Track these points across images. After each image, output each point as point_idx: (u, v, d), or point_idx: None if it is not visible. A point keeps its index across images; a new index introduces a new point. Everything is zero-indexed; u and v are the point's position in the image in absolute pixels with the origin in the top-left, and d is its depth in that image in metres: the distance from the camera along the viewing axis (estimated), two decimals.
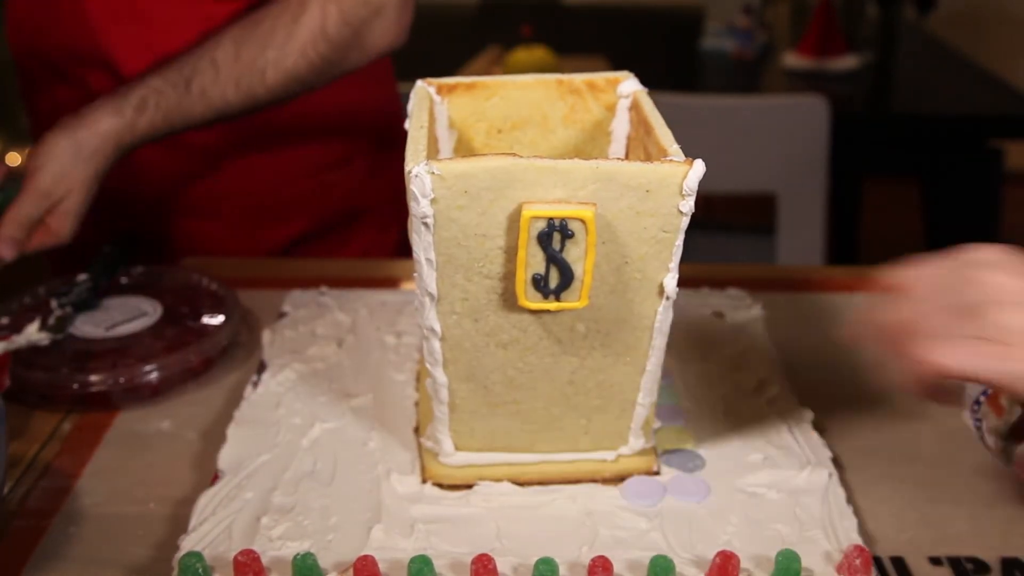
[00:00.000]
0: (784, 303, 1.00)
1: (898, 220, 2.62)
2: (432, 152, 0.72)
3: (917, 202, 2.24)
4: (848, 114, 1.97)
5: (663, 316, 0.67)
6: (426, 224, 0.61)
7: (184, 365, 0.87)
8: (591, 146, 0.80)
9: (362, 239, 1.25)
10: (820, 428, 0.80)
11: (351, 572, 0.64)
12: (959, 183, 2.09)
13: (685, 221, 0.62)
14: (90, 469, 0.77)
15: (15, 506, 0.73)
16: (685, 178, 0.60)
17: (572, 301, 0.63)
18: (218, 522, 0.69)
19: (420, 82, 0.77)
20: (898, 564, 0.67)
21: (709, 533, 0.69)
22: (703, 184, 0.61)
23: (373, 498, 0.72)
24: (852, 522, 0.69)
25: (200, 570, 0.64)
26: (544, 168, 0.60)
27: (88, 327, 0.91)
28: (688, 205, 0.62)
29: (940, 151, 2.07)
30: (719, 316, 0.97)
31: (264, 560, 0.65)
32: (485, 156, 0.60)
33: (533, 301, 0.63)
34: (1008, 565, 0.67)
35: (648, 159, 0.69)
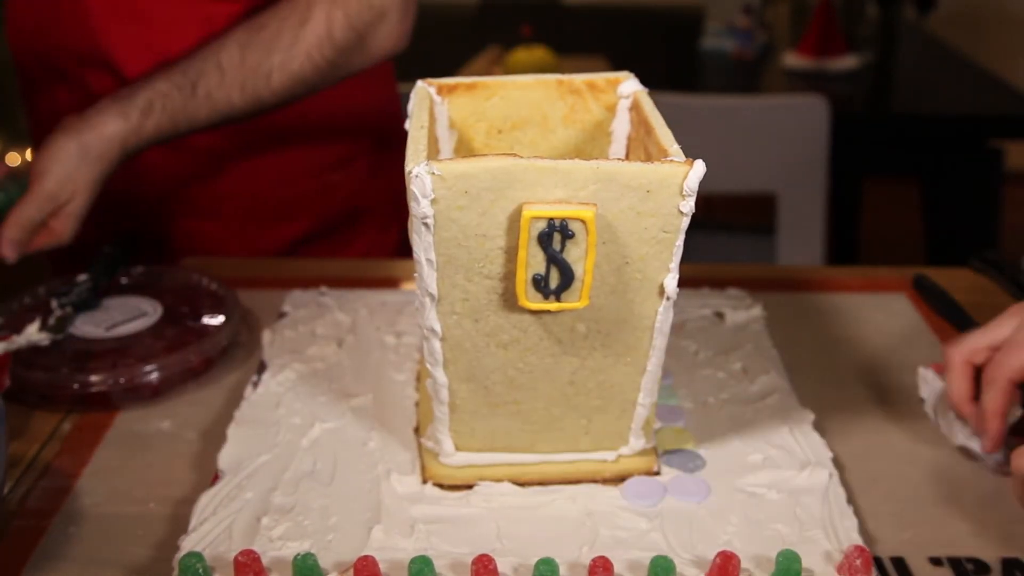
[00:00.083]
0: (784, 303, 1.00)
1: (898, 220, 2.62)
2: (432, 152, 0.72)
3: (917, 202, 2.24)
4: (848, 114, 1.97)
5: (663, 316, 0.67)
6: (426, 224, 0.61)
7: (184, 365, 0.87)
8: (591, 146, 0.80)
9: (363, 239, 1.25)
10: (820, 428, 0.80)
11: (351, 572, 0.64)
12: (959, 183, 2.09)
13: (685, 221, 0.62)
14: (90, 469, 0.77)
15: (15, 506, 0.73)
16: (685, 178, 0.60)
17: (572, 301, 0.63)
18: (218, 522, 0.69)
19: (420, 82, 0.77)
20: (898, 564, 0.67)
21: (709, 533, 0.69)
22: (703, 184, 0.61)
23: (373, 498, 0.72)
24: (852, 522, 0.69)
25: (200, 570, 0.64)
26: (544, 168, 0.60)
27: (88, 327, 0.91)
28: (688, 205, 0.62)
29: (940, 151, 2.07)
30: (719, 316, 0.97)
31: (264, 560, 0.65)
32: (485, 156, 0.60)
33: (533, 301, 0.63)
34: (1008, 565, 0.67)
35: (648, 159, 0.68)
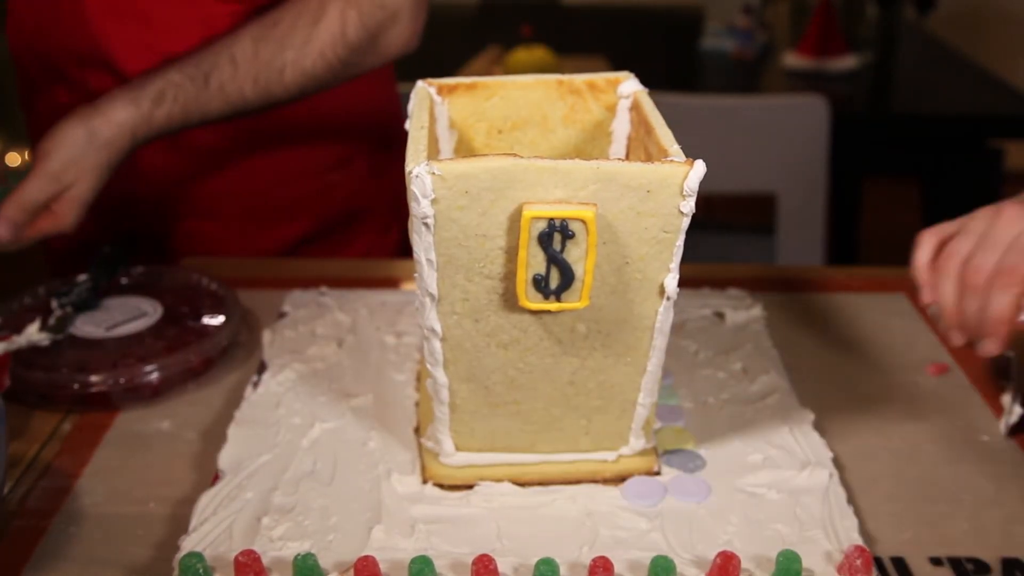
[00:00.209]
0: (784, 303, 1.00)
1: (898, 220, 2.61)
2: (432, 152, 0.72)
3: (917, 202, 2.24)
4: (848, 114, 1.97)
5: (664, 316, 0.67)
6: (427, 224, 0.61)
7: (184, 365, 0.87)
8: (591, 146, 0.80)
9: (363, 240, 1.25)
10: (820, 428, 0.80)
11: (352, 572, 0.64)
12: (959, 183, 2.09)
13: (686, 221, 0.62)
14: (90, 469, 0.77)
15: (15, 506, 0.73)
16: (686, 178, 0.60)
17: (573, 301, 0.63)
18: (219, 522, 0.69)
19: (420, 82, 0.77)
20: (899, 564, 0.67)
21: (710, 533, 0.69)
22: (703, 184, 0.61)
23: (373, 498, 0.72)
24: (852, 522, 0.69)
25: (201, 570, 0.64)
26: (545, 168, 0.60)
27: (88, 327, 0.91)
28: (689, 205, 0.62)
29: (940, 151, 2.07)
30: (719, 316, 0.97)
31: (265, 560, 0.65)
32: (486, 156, 0.60)
33: (534, 301, 0.63)
34: (1008, 565, 0.67)
35: (649, 159, 0.68)
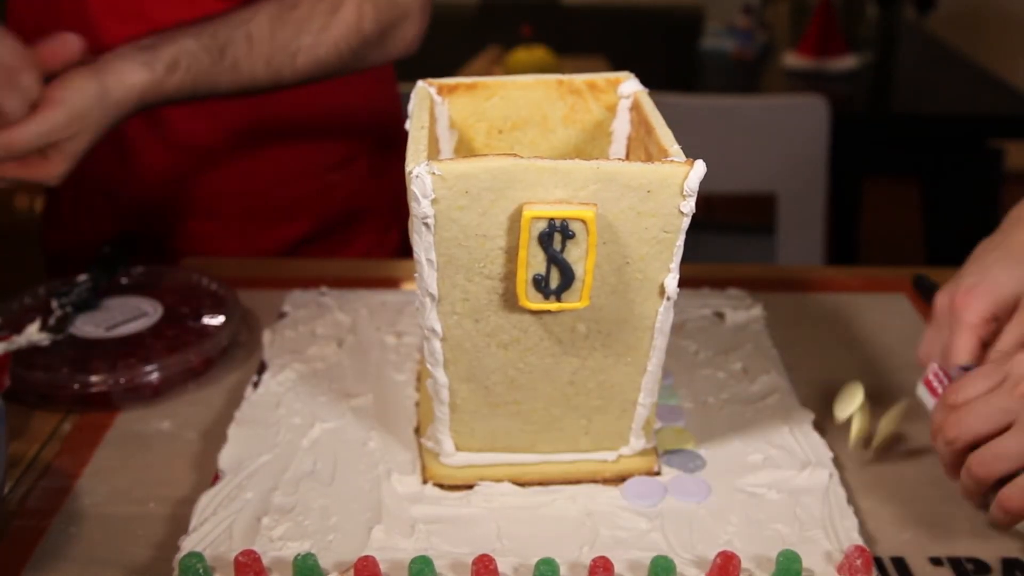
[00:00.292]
0: (784, 303, 1.00)
1: (898, 220, 2.61)
2: (433, 152, 0.72)
3: (917, 202, 2.24)
4: (848, 114, 1.97)
5: (664, 316, 0.67)
6: (427, 224, 0.61)
7: (184, 365, 0.87)
8: (591, 146, 0.80)
9: (363, 239, 1.25)
10: (820, 428, 0.80)
11: (352, 572, 0.64)
12: (959, 183, 2.09)
13: (686, 221, 0.62)
14: (90, 469, 0.77)
15: (15, 506, 0.73)
16: (686, 178, 0.60)
17: (573, 301, 0.63)
18: (219, 522, 0.69)
19: (421, 82, 0.77)
20: (899, 564, 0.67)
21: (710, 533, 0.69)
22: (703, 184, 0.61)
23: (374, 498, 0.72)
24: (853, 522, 0.69)
25: (201, 570, 0.64)
26: (545, 169, 0.60)
27: (88, 327, 0.91)
28: (689, 205, 0.62)
29: (940, 151, 2.07)
30: (719, 316, 0.97)
31: (265, 560, 0.65)
32: (486, 156, 0.60)
33: (534, 301, 0.63)
34: (1008, 565, 0.67)
35: (649, 159, 0.68)
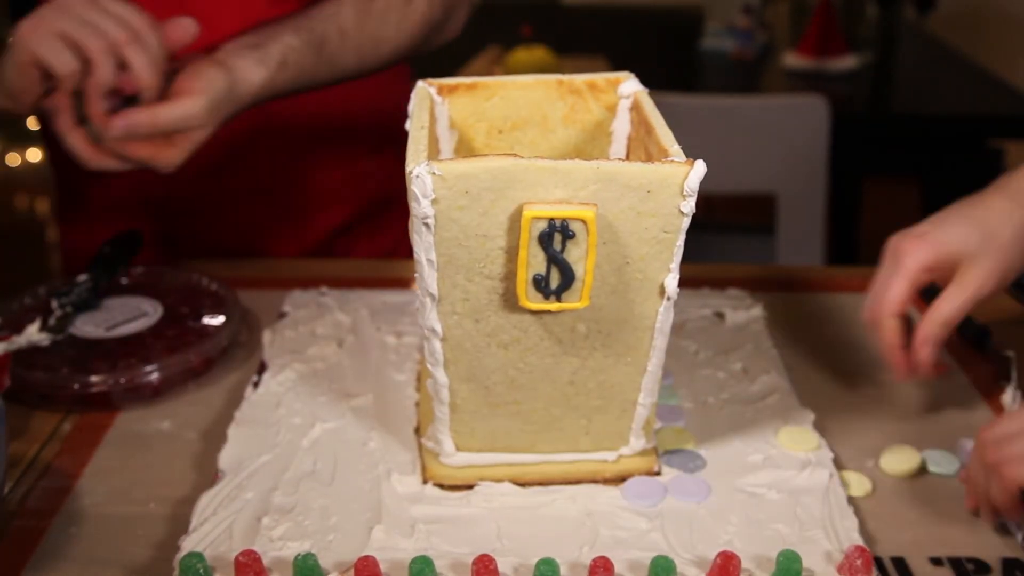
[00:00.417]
0: (784, 303, 1.00)
1: (898, 220, 2.61)
2: (433, 152, 0.72)
3: (917, 202, 2.24)
4: (848, 114, 1.97)
5: (664, 316, 0.67)
6: (427, 224, 0.61)
7: (184, 365, 0.87)
8: (591, 146, 0.80)
9: (398, 226, 1.25)
10: (820, 428, 0.80)
11: (352, 572, 0.64)
12: (959, 183, 2.08)
13: (686, 221, 0.63)
14: (90, 469, 0.77)
15: (15, 506, 0.73)
16: (686, 178, 0.61)
17: (573, 301, 0.63)
18: (219, 522, 0.69)
19: (421, 82, 0.77)
20: (899, 564, 0.67)
21: (710, 533, 0.69)
22: (703, 184, 0.61)
23: (374, 498, 0.72)
24: (853, 522, 0.69)
25: (201, 570, 0.64)
26: (545, 169, 0.60)
27: (88, 327, 0.91)
28: (689, 205, 0.62)
29: (940, 151, 2.07)
30: (719, 316, 0.97)
31: (265, 560, 0.65)
32: (486, 156, 0.60)
33: (534, 301, 0.63)
34: (1009, 565, 0.67)
35: (649, 159, 0.68)
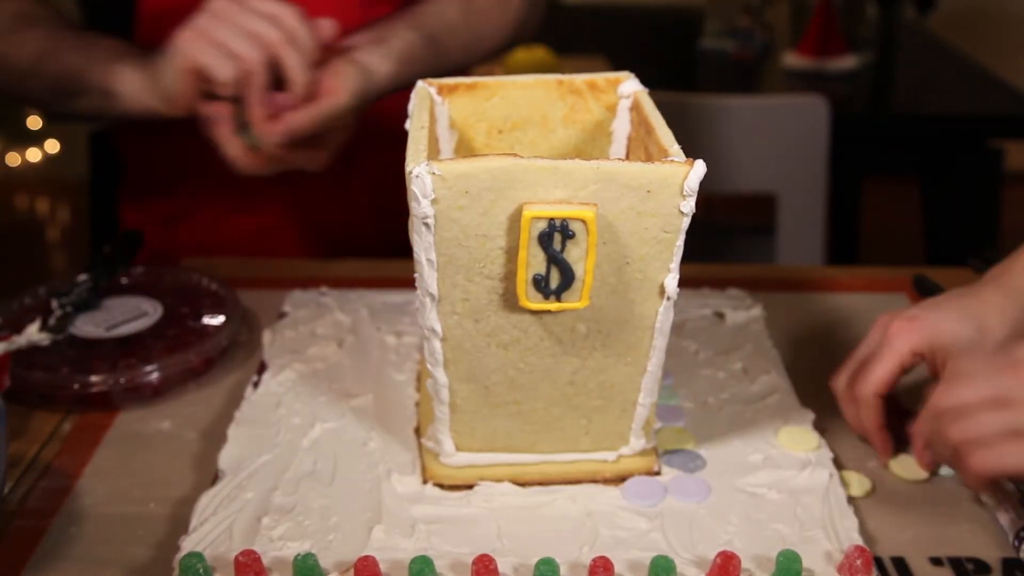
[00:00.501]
0: (784, 303, 1.00)
1: (898, 220, 2.61)
2: (433, 152, 0.72)
3: (917, 202, 2.24)
4: (848, 114, 1.96)
5: (664, 316, 0.67)
6: (427, 224, 0.61)
7: (184, 365, 0.87)
8: (591, 146, 0.80)
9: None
10: (820, 428, 0.80)
11: (352, 572, 0.64)
12: (959, 183, 2.08)
13: (686, 221, 0.63)
14: (90, 469, 0.77)
15: (15, 506, 0.73)
16: (686, 178, 0.61)
17: (573, 301, 0.63)
18: (219, 522, 0.69)
19: (421, 82, 0.77)
20: (899, 564, 0.67)
21: (710, 533, 0.69)
22: (703, 184, 0.61)
23: (374, 498, 0.72)
24: (853, 522, 0.69)
25: (201, 570, 0.64)
26: (545, 168, 0.60)
27: (88, 327, 0.91)
28: (689, 205, 0.62)
29: (940, 151, 2.07)
30: (719, 316, 0.97)
31: (265, 560, 0.65)
32: (486, 156, 0.60)
33: (534, 301, 0.63)
34: (1009, 565, 0.67)
35: (649, 159, 0.68)
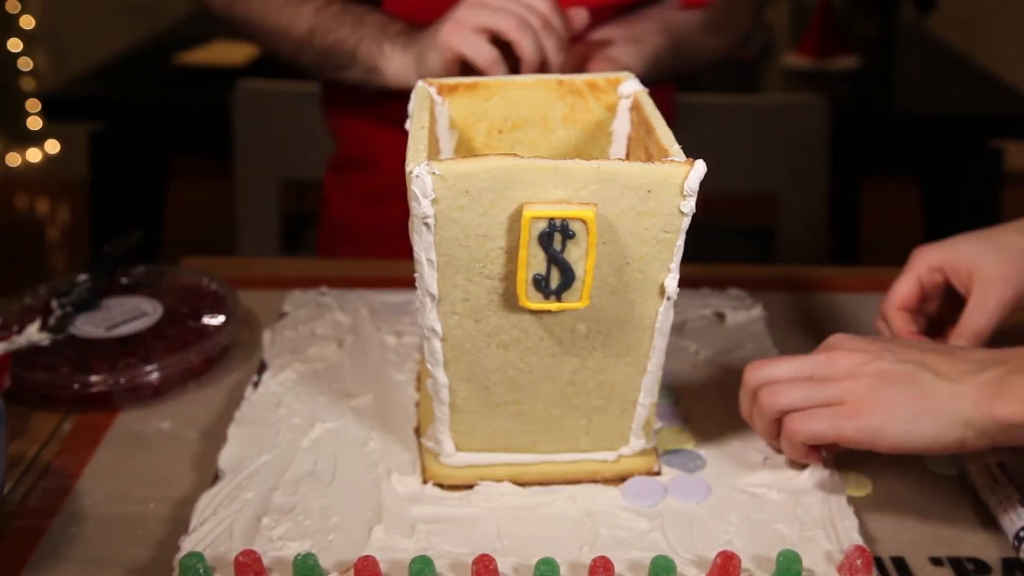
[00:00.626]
0: (784, 303, 1.00)
1: (898, 220, 2.61)
2: (433, 152, 0.72)
3: (917, 202, 2.24)
4: (848, 114, 1.96)
5: (664, 316, 0.67)
6: (427, 224, 0.61)
7: (184, 365, 0.87)
8: (591, 146, 0.80)
9: None
10: None
11: (352, 572, 0.64)
12: (959, 183, 2.08)
13: (686, 221, 0.63)
14: (90, 469, 0.77)
15: (15, 506, 0.73)
16: (686, 178, 0.61)
17: (573, 301, 0.63)
18: (219, 522, 0.69)
19: (421, 82, 0.77)
20: (899, 564, 0.67)
21: (710, 533, 0.69)
22: (703, 184, 0.61)
23: (374, 498, 0.72)
24: (853, 522, 0.69)
25: (201, 570, 0.64)
26: (545, 168, 0.60)
27: (88, 327, 0.91)
28: (689, 205, 0.62)
29: (940, 151, 2.07)
30: (719, 316, 0.97)
31: (265, 560, 0.65)
32: (486, 156, 0.60)
33: (534, 301, 0.63)
34: (1009, 565, 0.67)
35: (649, 159, 0.68)
